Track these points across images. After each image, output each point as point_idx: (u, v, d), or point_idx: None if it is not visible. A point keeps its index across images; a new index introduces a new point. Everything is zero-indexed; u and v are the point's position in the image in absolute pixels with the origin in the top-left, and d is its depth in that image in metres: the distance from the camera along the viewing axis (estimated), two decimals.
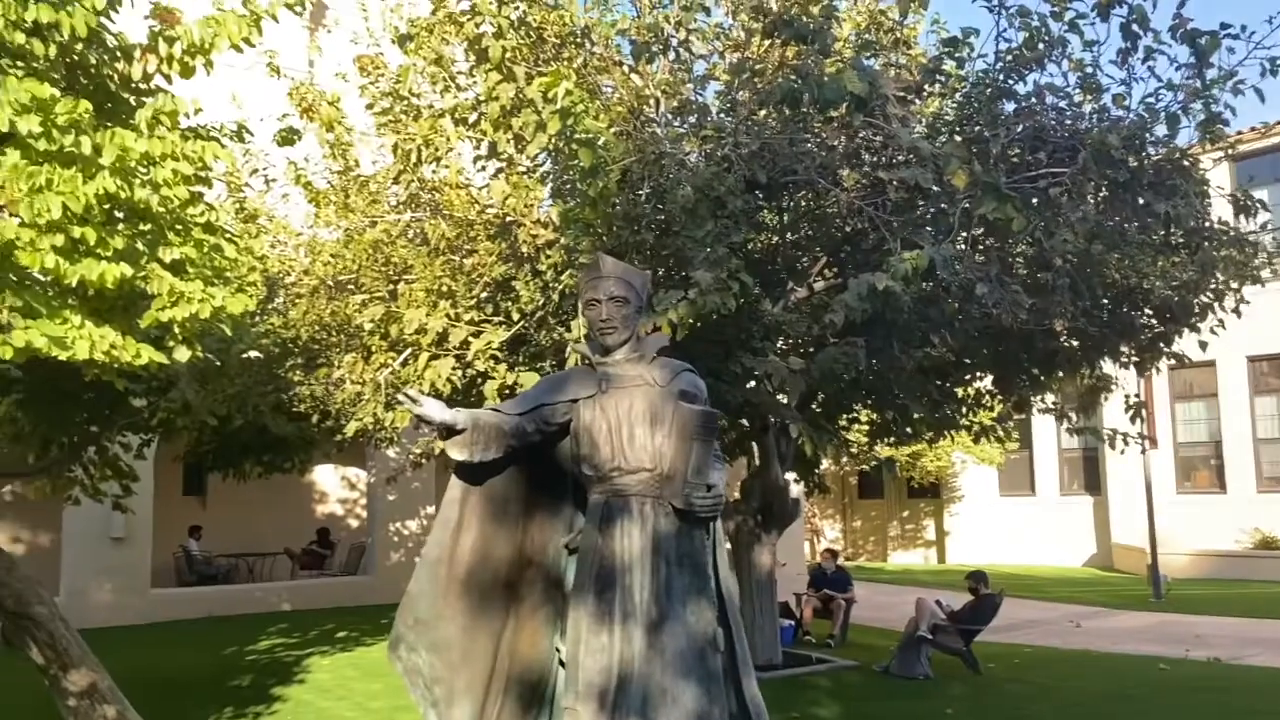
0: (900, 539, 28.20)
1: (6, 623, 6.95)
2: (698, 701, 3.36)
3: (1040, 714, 8.81)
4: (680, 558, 3.47)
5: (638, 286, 3.69)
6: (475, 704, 3.49)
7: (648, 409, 3.53)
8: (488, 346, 7.48)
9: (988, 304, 7.01)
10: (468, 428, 3.35)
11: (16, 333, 4.80)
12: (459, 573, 3.50)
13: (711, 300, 5.94)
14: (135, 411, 9.90)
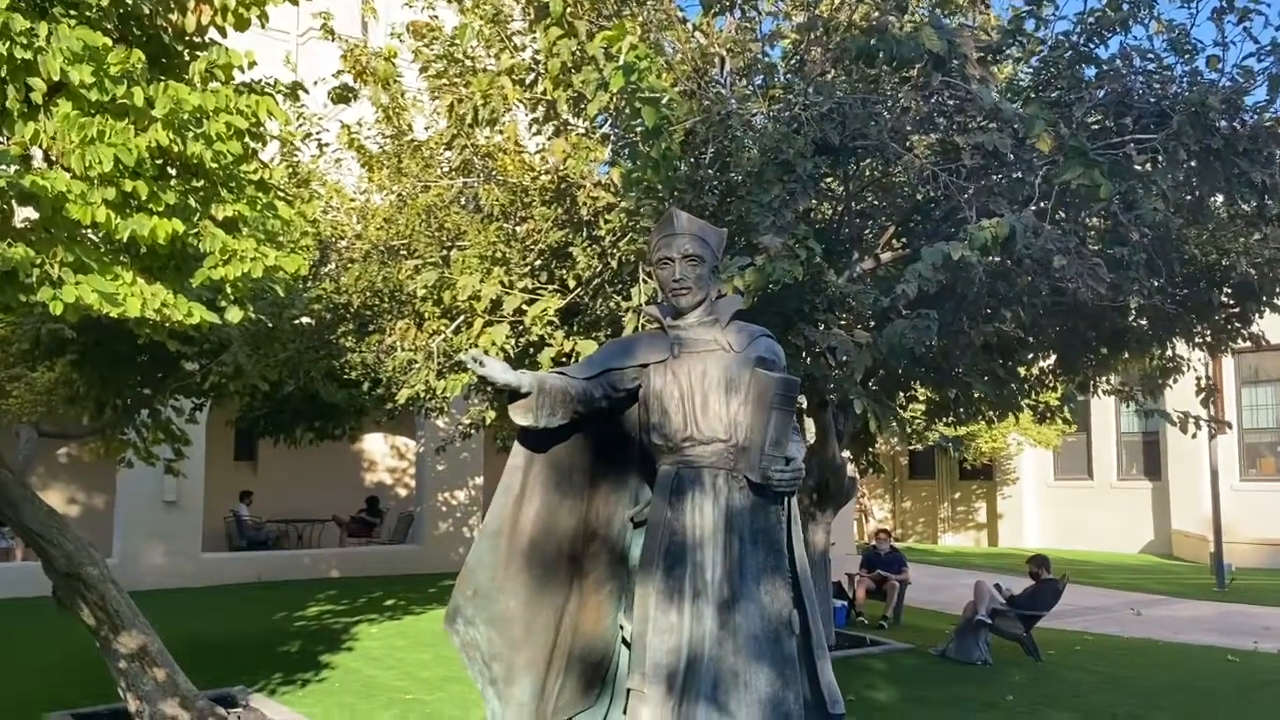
0: (951, 521, 27.76)
1: (58, 583, 6.93)
2: (772, 686, 3.15)
3: (1106, 704, 8.50)
4: (755, 534, 3.26)
5: (713, 244, 3.46)
6: (536, 682, 3.31)
7: (722, 375, 3.31)
8: (544, 313, 7.28)
9: (1065, 277, 6.66)
10: (533, 391, 3.15)
11: (68, 288, 4.68)
12: (521, 544, 3.31)
13: (780, 268, 5.69)
14: (188, 375, 9.88)
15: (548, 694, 3.36)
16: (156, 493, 15.20)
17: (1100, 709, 8.34)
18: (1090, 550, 23.09)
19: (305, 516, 19.00)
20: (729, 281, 5.73)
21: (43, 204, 4.71)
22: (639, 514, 3.46)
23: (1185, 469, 21.94)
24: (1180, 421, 11.10)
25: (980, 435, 22.31)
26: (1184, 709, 8.39)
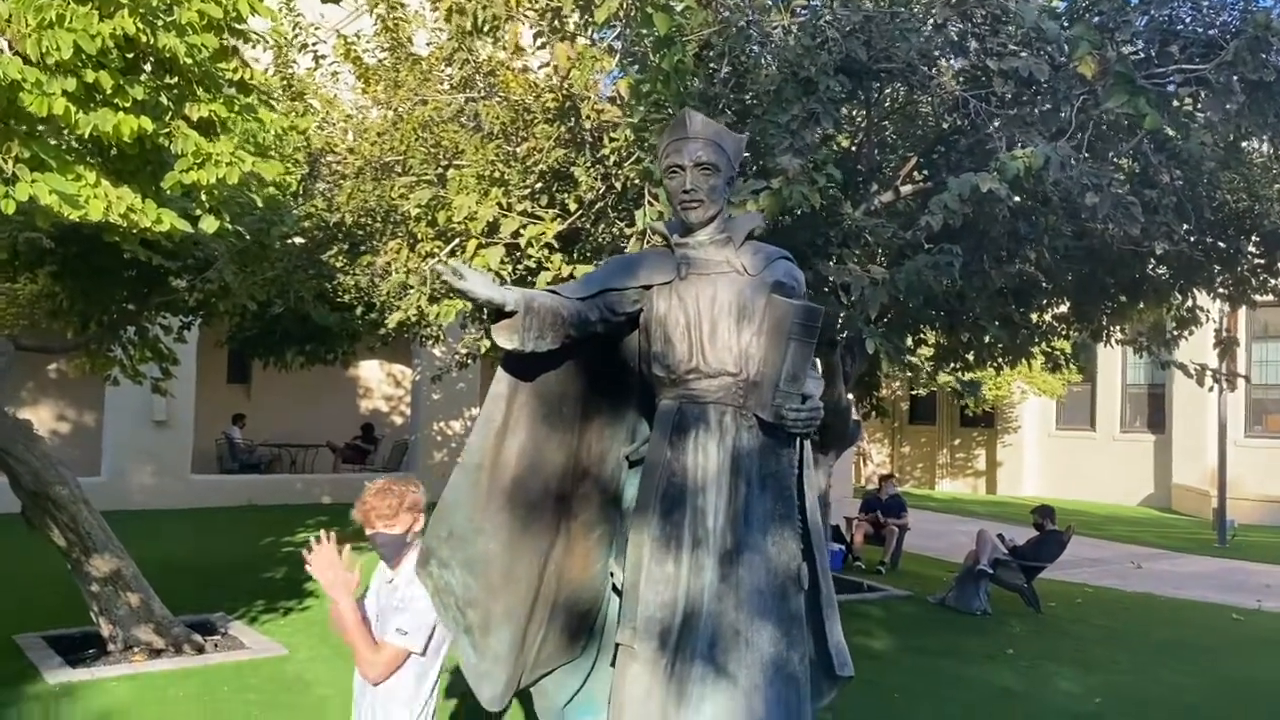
0: (949, 467, 27.61)
1: (26, 502, 6.65)
2: (775, 645, 2.85)
3: (1109, 659, 8.30)
4: (763, 479, 2.93)
5: (730, 152, 3.07)
6: (515, 632, 3.00)
7: (734, 301, 2.95)
8: (541, 236, 6.90)
9: (1096, 216, 6.26)
10: (519, 310, 2.77)
11: (21, 186, 4.31)
12: (503, 481, 2.98)
13: (798, 191, 5.29)
14: (173, 292, 9.54)
15: (528, 645, 3.05)
16: (145, 412, 14.94)
17: (1101, 664, 8.14)
18: (1088, 501, 22.93)
19: (299, 441, 18.78)
20: (741, 206, 5.35)
21: None
22: (636, 452, 3.13)
23: (1190, 423, 21.70)
24: (1196, 374, 10.75)
25: (985, 382, 22.03)
26: (1188, 667, 8.19)
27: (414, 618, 3.17)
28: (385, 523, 3.19)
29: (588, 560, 3.16)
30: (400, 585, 3.27)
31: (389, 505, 3.21)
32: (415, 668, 3.19)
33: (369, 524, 3.24)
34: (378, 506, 3.21)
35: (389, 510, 3.20)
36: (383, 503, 3.21)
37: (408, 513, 3.25)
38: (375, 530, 3.22)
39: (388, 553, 3.27)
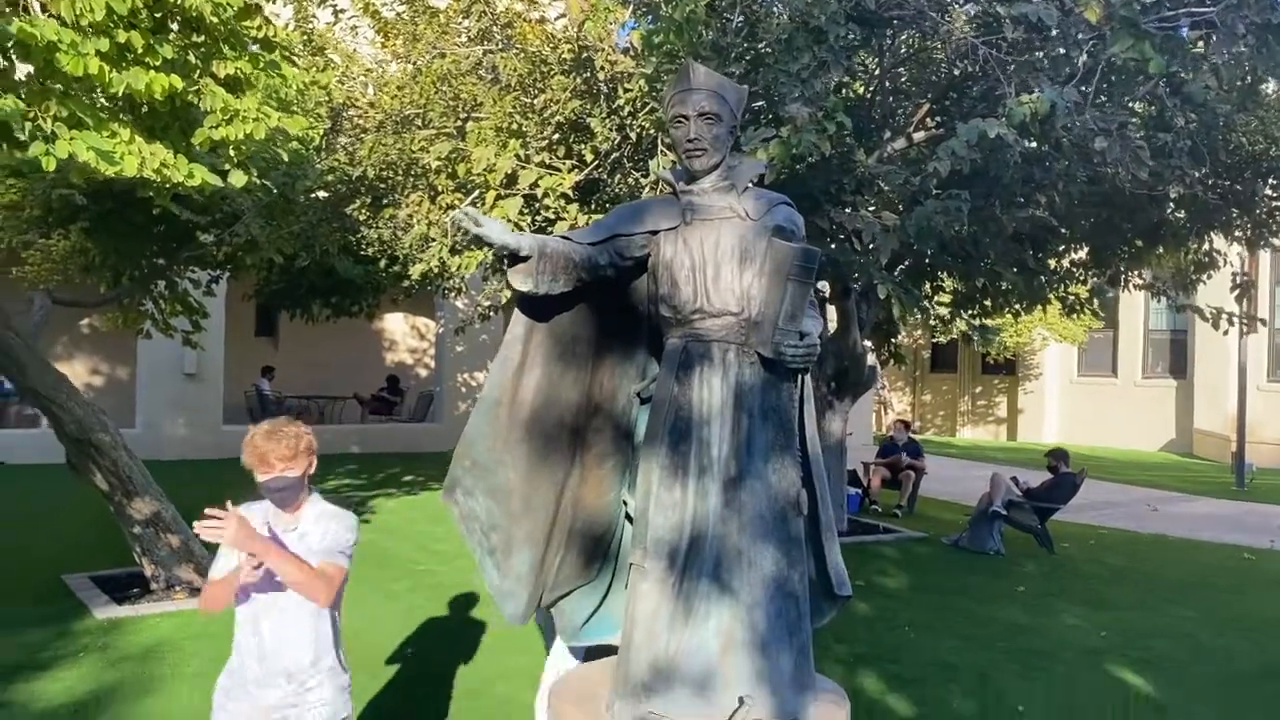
0: (970, 415, 27.71)
1: (70, 449, 6.95)
2: (776, 566, 3.06)
3: (1118, 597, 8.49)
4: (765, 411, 3.12)
5: (732, 102, 3.22)
6: (535, 554, 3.23)
7: (737, 244, 3.11)
8: (558, 186, 7.05)
9: (1106, 160, 6.35)
10: (533, 255, 2.96)
11: (61, 144, 4.51)
12: (521, 416, 3.19)
13: (806, 140, 5.41)
14: (202, 246, 9.77)
15: (547, 567, 3.28)
16: (177, 365, 15.30)
17: (1110, 602, 8.33)
18: (1109, 447, 23.03)
19: (326, 393, 19.15)
20: (751, 155, 5.48)
21: (33, 54, 4.51)
22: (645, 389, 3.33)
23: (1211, 368, 21.68)
24: (1213, 317, 10.81)
25: (1005, 330, 22.06)
26: (1196, 603, 8.37)
27: (342, 536, 3.21)
28: (286, 464, 3.14)
29: (601, 489, 3.38)
30: (309, 527, 3.22)
31: (287, 447, 3.16)
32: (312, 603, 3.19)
33: (267, 468, 3.14)
34: (275, 449, 3.14)
35: (288, 451, 3.16)
36: (280, 445, 3.15)
37: (305, 455, 3.21)
38: (275, 474, 3.14)
39: (287, 496, 3.20)
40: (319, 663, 3.23)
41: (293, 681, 3.19)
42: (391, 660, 6.03)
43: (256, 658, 3.20)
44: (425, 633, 6.66)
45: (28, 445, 14.85)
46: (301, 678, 3.20)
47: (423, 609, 7.11)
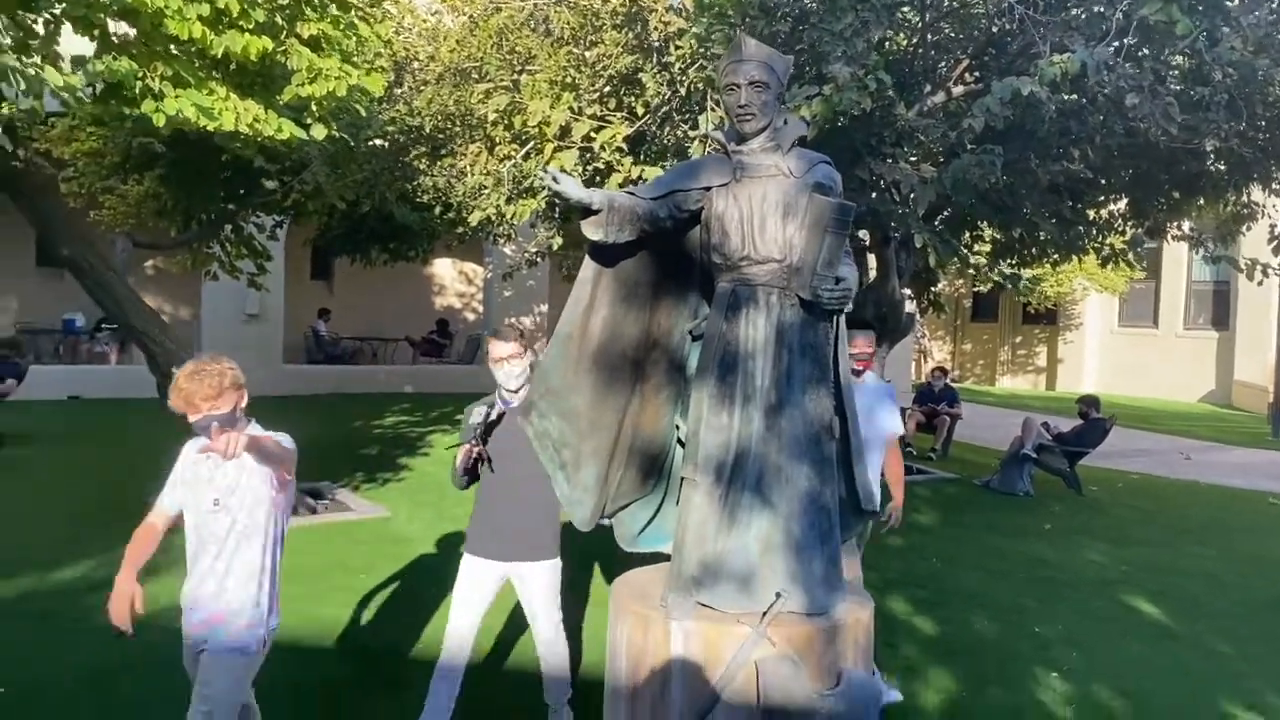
0: (1010, 364, 27.84)
1: (160, 380, 7.53)
2: (810, 482, 3.50)
3: (1140, 536, 8.87)
4: (803, 347, 3.54)
5: (779, 72, 3.60)
6: (600, 469, 3.71)
7: (781, 199, 3.51)
8: (612, 139, 7.44)
9: (1137, 116, 6.62)
10: (603, 208, 3.39)
11: (169, 101, 4.98)
12: (589, 349, 3.64)
13: (847, 98, 5.75)
14: (268, 192, 10.28)
15: (610, 481, 3.76)
16: (239, 306, 15.94)
17: (1133, 540, 8.71)
18: (1148, 397, 23.15)
19: (379, 335, 19.77)
20: (795, 110, 5.84)
21: (142, 19, 4.96)
22: (697, 327, 3.75)
23: (1254, 320, 21.67)
24: (1247, 269, 10.99)
25: (1046, 279, 22.14)
26: (1216, 543, 8.73)
27: (285, 439, 3.40)
28: (211, 404, 3.19)
29: (658, 415, 3.83)
30: (249, 460, 3.27)
31: (210, 387, 3.20)
32: (267, 505, 3.40)
33: (193, 409, 3.18)
34: (199, 390, 3.19)
35: (212, 391, 3.20)
36: (203, 385, 3.19)
37: (232, 390, 3.26)
38: (202, 415, 3.18)
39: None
40: (246, 595, 3.41)
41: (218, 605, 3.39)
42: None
43: (197, 580, 3.44)
44: None
45: (99, 380, 15.64)
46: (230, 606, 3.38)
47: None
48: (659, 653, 3.44)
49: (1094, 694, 5.31)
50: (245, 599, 3.41)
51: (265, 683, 3.72)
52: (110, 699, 4.71)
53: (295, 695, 4.69)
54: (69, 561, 6.64)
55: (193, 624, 3.45)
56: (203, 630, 3.43)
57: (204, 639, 3.42)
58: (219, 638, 3.40)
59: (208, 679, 3.37)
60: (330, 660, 5.31)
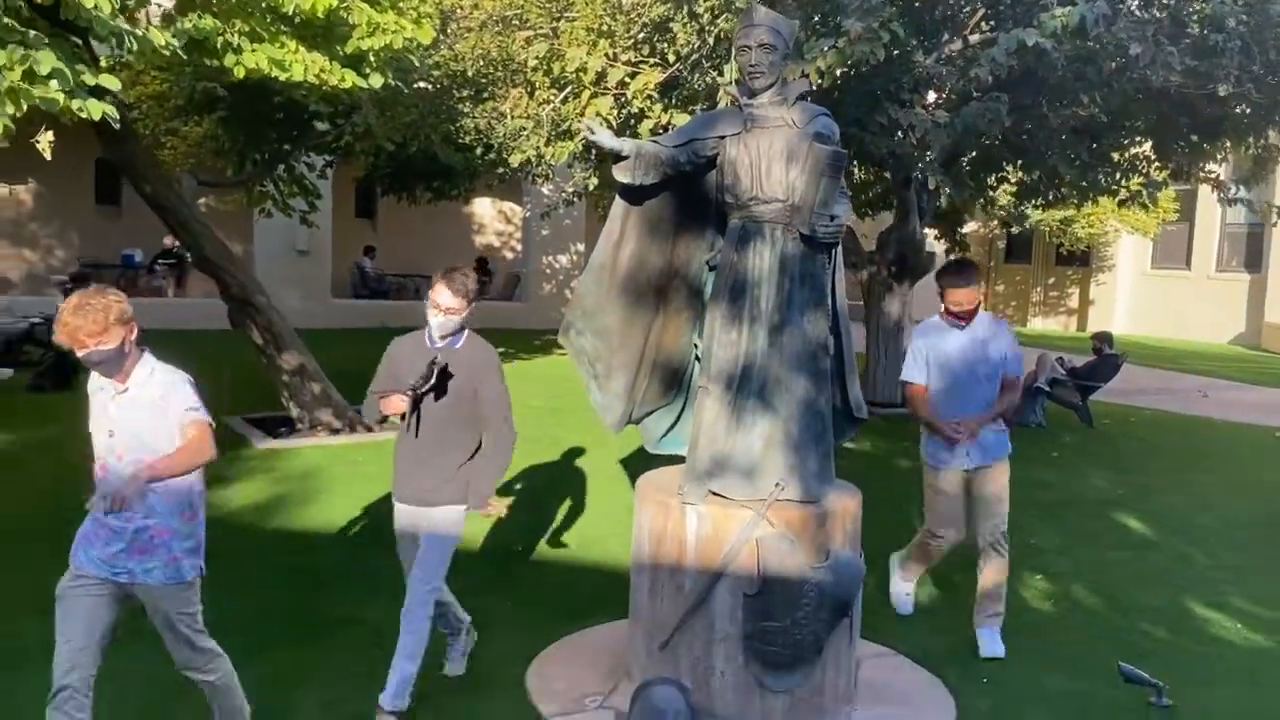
0: (1042, 305, 28.03)
1: (233, 308, 8.23)
2: (806, 391, 4.08)
3: (1145, 465, 9.38)
4: (802, 276, 4.09)
5: (785, 35, 4.12)
6: (628, 379, 4.32)
7: (785, 147, 4.05)
8: (645, 87, 7.93)
9: (1139, 65, 7.01)
10: (632, 154, 3.97)
11: (247, 54, 5.58)
12: (619, 276, 4.23)
13: (860, 49, 6.21)
14: (320, 134, 10.87)
15: (636, 390, 4.37)
16: (290, 243, 16.63)
17: (1135, 468, 9.23)
18: (1178, 339, 23.34)
19: (421, 272, 20.44)
20: (813, 62, 6.32)
21: None
22: (712, 258, 4.32)
23: None
24: (1263, 212, 11.32)
25: (1077, 221, 22.29)
26: (1212, 470, 9.23)
27: (188, 395, 3.28)
28: (96, 340, 3.13)
29: (678, 334, 4.43)
30: (140, 390, 3.26)
31: (95, 322, 3.12)
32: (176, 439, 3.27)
33: (78, 344, 3.14)
34: (83, 325, 3.12)
35: (96, 327, 3.12)
36: (86, 320, 3.12)
37: (118, 326, 3.17)
38: (89, 350, 3.15)
39: (109, 368, 3.21)
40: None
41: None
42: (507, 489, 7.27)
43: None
44: (527, 464, 7.90)
45: (159, 312, 16.45)
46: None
47: (520, 455, 8.34)
48: (676, 532, 4.08)
49: (1074, 592, 5.91)
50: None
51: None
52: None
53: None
54: None
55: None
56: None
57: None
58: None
59: None
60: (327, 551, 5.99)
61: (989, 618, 5.04)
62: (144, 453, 3.21)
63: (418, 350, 4.15)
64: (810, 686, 4.04)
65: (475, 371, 4.12)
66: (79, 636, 3.20)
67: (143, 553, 3.25)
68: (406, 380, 4.03)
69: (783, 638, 3.94)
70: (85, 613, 3.22)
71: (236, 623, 4.40)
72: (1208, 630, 5.38)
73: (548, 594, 5.57)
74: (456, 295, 4.07)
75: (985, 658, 4.90)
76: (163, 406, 3.25)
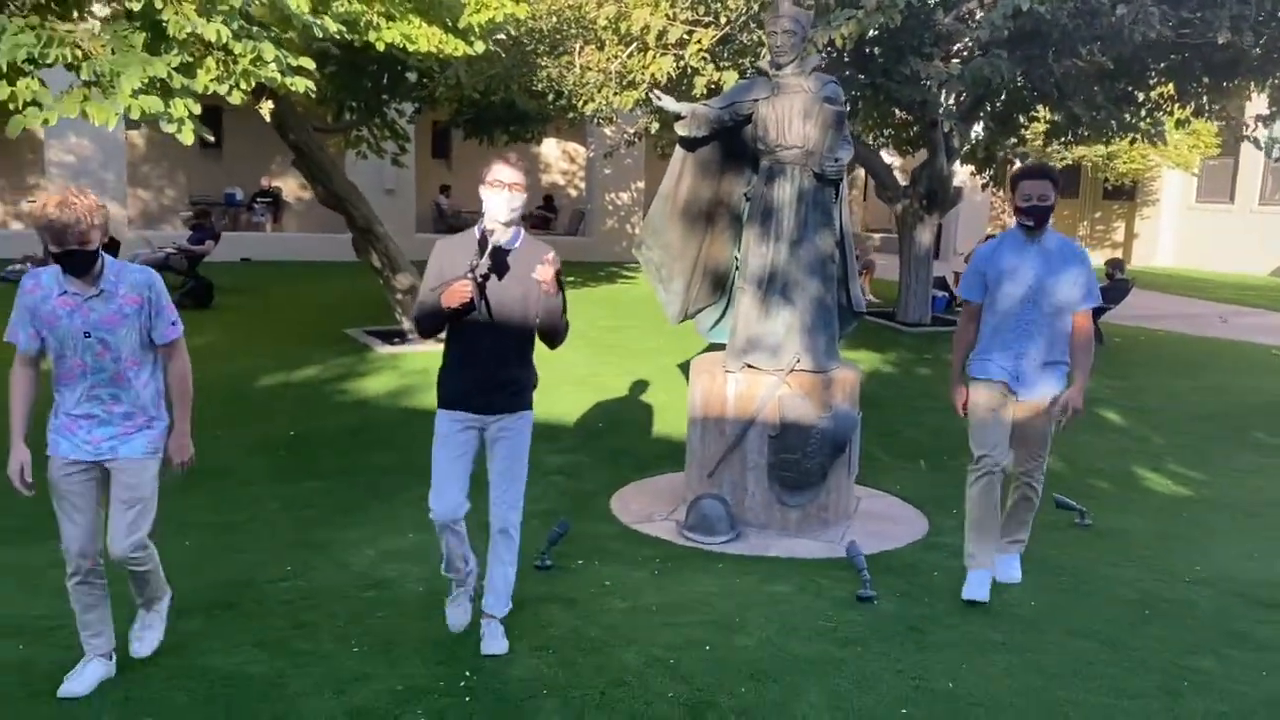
0: (1088, 239, 28.80)
1: (357, 236, 9.83)
2: (818, 291, 5.53)
3: (1133, 371, 10.66)
4: (815, 204, 5.51)
5: (804, 21, 5.50)
6: (684, 281, 5.83)
7: (803, 108, 5.44)
8: (699, 49, 9.28)
9: (1122, 24, 8.19)
10: (688, 115, 5.43)
11: (386, 31, 7.06)
12: (678, 205, 5.71)
13: (875, 19, 7.52)
14: (411, 85, 12.35)
15: (691, 289, 5.87)
16: (378, 183, 18.22)
17: (1126, 375, 10.51)
18: (1218, 271, 24.13)
19: None
20: (837, 29, 7.64)
21: None
22: (749, 191, 5.76)
23: None
24: (1265, 146, 12.33)
25: (1119, 156, 23.09)
26: (1198, 379, 10.47)
27: (172, 313, 3.46)
28: (79, 239, 3.16)
29: (722, 250, 5.90)
30: (116, 287, 3.33)
31: (80, 218, 3.14)
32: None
33: (62, 242, 3.15)
34: (70, 225, 3.13)
35: (85, 224, 3.15)
36: (69, 216, 3.13)
37: (99, 229, 3.21)
38: (71, 247, 3.17)
39: (83, 267, 3.24)
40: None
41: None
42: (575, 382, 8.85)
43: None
44: (601, 367, 9.45)
45: (260, 245, 18.24)
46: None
47: (595, 360, 9.91)
48: (720, 393, 5.59)
49: None
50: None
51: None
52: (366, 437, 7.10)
53: None
54: (305, 364, 9.07)
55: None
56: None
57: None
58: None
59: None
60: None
61: (1010, 543, 4.75)
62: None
63: (465, 244, 3.73)
64: (817, 503, 5.56)
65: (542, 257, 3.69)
66: (85, 522, 3.41)
67: (127, 433, 3.43)
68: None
69: (796, 467, 5.46)
70: (84, 494, 3.40)
71: (393, 471, 6.02)
72: (1141, 484, 6.80)
73: (623, 453, 7.14)
74: (516, 169, 3.74)
75: (1001, 582, 4.63)
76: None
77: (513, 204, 3.70)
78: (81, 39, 5.43)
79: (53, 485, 3.41)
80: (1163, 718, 3.46)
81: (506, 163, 3.77)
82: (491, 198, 3.71)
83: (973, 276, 4.61)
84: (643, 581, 4.74)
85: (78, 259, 3.20)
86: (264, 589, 4.62)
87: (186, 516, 5.60)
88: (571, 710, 3.36)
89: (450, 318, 3.67)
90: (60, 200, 3.14)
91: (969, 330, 4.67)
